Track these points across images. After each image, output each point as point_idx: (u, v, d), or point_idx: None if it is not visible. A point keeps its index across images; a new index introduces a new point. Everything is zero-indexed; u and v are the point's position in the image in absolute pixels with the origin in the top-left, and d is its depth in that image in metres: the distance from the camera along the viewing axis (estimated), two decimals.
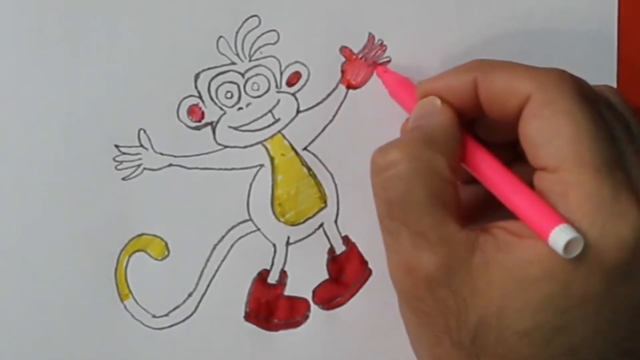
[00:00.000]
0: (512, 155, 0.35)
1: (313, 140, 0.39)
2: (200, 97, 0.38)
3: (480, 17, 0.39)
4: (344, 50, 0.39)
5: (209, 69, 0.38)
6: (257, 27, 0.38)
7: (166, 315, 0.38)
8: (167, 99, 0.37)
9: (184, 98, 0.38)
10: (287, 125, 0.38)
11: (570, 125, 0.31)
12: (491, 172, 0.33)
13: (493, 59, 0.34)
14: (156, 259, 0.38)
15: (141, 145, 0.37)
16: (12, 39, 0.36)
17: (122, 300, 0.37)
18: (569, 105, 0.31)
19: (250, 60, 0.38)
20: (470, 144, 0.34)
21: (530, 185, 0.32)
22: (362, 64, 0.39)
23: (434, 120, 0.33)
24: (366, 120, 0.39)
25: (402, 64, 0.39)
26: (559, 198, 0.30)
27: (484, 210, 0.35)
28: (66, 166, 0.37)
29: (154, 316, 0.38)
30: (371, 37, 0.39)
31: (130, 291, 0.38)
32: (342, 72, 0.39)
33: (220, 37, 0.38)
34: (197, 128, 0.38)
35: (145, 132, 0.37)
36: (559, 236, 0.29)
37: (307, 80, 0.38)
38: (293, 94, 0.38)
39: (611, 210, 0.30)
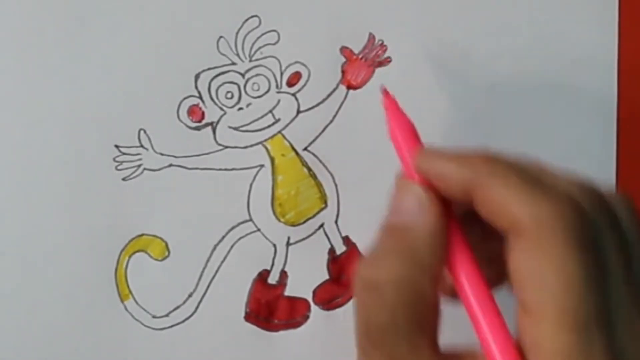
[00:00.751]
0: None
1: (313, 141, 0.39)
2: (200, 97, 0.38)
3: (480, 17, 0.39)
4: (344, 50, 0.39)
5: (209, 69, 0.38)
6: (257, 27, 0.38)
7: (166, 315, 0.38)
8: (168, 99, 0.37)
9: (184, 98, 0.38)
10: (287, 125, 0.38)
11: (558, 274, 0.28)
12: (469, 292, 0.30)
13: (499, 162, 0.30)
14: (156, 260, 0.38)
15: (141, 146, 0.37)
16: (13, 39, 0.36)
17: (122, 301, 0.37)
18: (562, 252, 0.28)
19: (250, 61, 0.38)
20: (455, 250, 0.30)
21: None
22: (362, 64, 0.39)
23: (419, 225, 0.30)
24: (366, 120, 0.39)
25: (402, 64, 0.39)
26: (532, 346, 0.29)
27: None
28: (67, 166, 0.37)
29: (154, 316, 0.38)
30: (371, 37, 0.39)
31: (130, 291, 0.38)
32: (343, 72, 0.39)
33: (221, 37, 0.38)
34: (198, 128, 0.38)
35: (145, 132, 0.37)
36: None
37: (307, 81, 0.38)
38: (293, 94, 0.38)
39: None
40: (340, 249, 0.39)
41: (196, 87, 0.38)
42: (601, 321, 0.28)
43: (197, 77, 0.38)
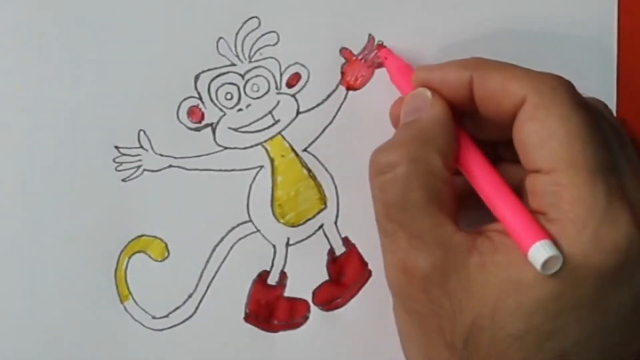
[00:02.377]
0: (497, 154, 0.36)
1: (313, 142, 0.39)
2: (200, 98, 0.38)
3: (479, 18, 0.39)
4: (343, 51, 0.39)
5: (209, 70, 0.38)
6: (257, 28, 0.38)
7: (166, 316, 0.38)
8: (167, 100, 0.38)
9: (184, 99, 0.38)
10: (287, 126, 0.38)
11: (565, 129, 0.31)
12: (481, 176, 0.33)
13: (491, 59, 0.34)
14: (156, 260, 0.38)
15: (141, 147, 0.37)
16: (13, 40, 0.36)
17: (122, 302, 0.37)
18: (564, 109, 0.31)
19: (250, 62, 0.38)
20: (462, 141, 0.34)
21: (519, 187, 0.32)
22: (362, 65, 0.39)
23: (428, 115, 0.34)
24: (366, 121, 0.39)
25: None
26: (553, 200, 0.31)
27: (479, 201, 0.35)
28: (66, 167, 0.37)
29: (153, 317, 0.38)
30: (371, 38, 0.39)
31: (130, 292, 0.38)
32: (342, 73, 0.39)
33: (220, 38, 0.38)
34: (197, 129, 0.38)
35: (145, 133, 0.37)
36: (539, 252, 0.30)
37: (307, 82, 0.38)
38: (293, 95, 0.38)
39: (604, 215, 0.30)
40: (339, 249, 0.39)
41: (196, 88, 0.38)
42: (611, 169, 0.31)
43: (196, 78, 0.38)
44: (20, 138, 0.37)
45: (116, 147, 0.37)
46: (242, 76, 0.38)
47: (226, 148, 0.38)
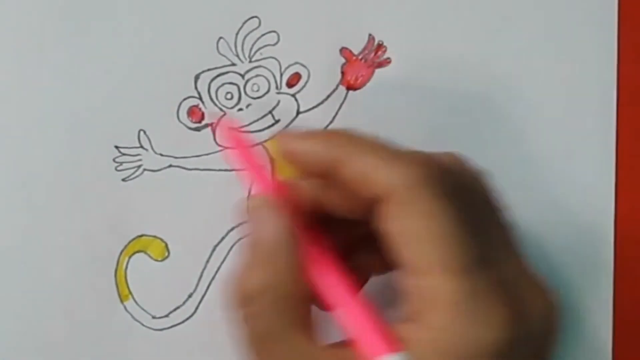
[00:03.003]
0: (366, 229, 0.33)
1: None
2: (200, 98, 0.38)
3: (480, 18, 0.39)
4: (344, 51, 0.39)
5: (209, 70, 0.38)
6: (257, 28, 0.38)
7: (166, 316, 0.38)
8: (167, 100, 0.38)
9: (184, 99, 0.38)
10: (287, 126, 0.38)
11: (430, 230, 0.29)
12: (329, 288, 0.32)
13: (360, 138, 0.31)
14: (156, 260, 0.38)
15: (141, 146, 0.37)
16: (13, 39, 0.36)
17: (122, 301, 0.37)
18: (429, 206, 0.29)
19: (250, 62, 0.38)
20: (312, 250, 0.32)
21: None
22: (362, 65, 0.39)
23: (273, 234, 0.32)
24: (366, 121, 0.39)
25: (402, 65, 0.39)
26: (419, 302, 0.29)
27: None
28: (66, 167, 0.37)
29: (153, 317, 0.38)
30: (371, 38, 0.39)
31: (130, 292, 0.38)
32: (342, 73, 0.39)
33: (220, 38, 0.38)
34: (197, 129, 0.38)
35: (145, 133, 0.37)
36: None
37: (307, 82, 0.38)
38: (293, 95, 0.38)
39: (472, 316, 0.28)
40: None
41: (196, 88, 0.38)
42: (485, 261, 0.29)
43: (197, 77, 0.38)
44: (20, 138, 0.37)
45: (116, 147, 0.37)
46: (242, 76, 0.38)
47: (226, 148, 0.38)
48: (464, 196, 0.30)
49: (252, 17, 0.38)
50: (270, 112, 0.38)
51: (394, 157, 0.30)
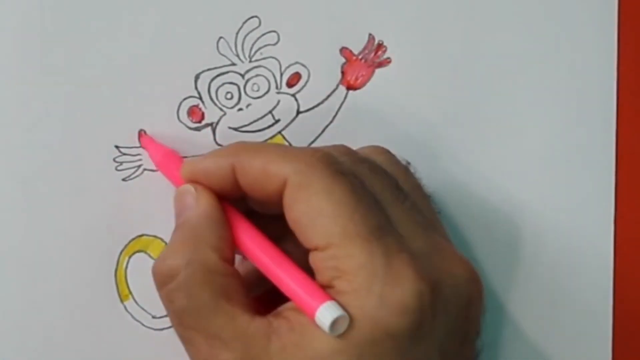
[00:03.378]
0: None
1: (313, 141, 0.39)
2: (200, 98, 0.38)
3: (479, 18, 0.39)
4: (344, 51, 0.39)
5: (209, 69, 0.38)
6: (257, 28, 0.38)
7: (166, 316, 0.38)
8: (168, 100, 0.38)
9: (184, 99, 0.38)
10: (287, 126, 0.38)
11: (329, 202, 0.31)
12: (260, 255, 0.33)
13: (252, 143, 0.35)
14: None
15: (141, 146, 0.37)
16: (12, 39, 0.36)
17: (122, 301, 0.37)
18: (324, 184, 0.31)
19: (250, 61, 0.38)
20: (238, 227, 0.33)
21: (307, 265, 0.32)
22: (362, 64, 0.39)
23: (195, 213, 0.33)
24: (366, 121, 0.39)
25: (402, 64, 0.39)
26: (334, 274, 0.30)
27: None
28: (66, 167, 0.37)
29: (154, 317, 0.38)
30: (371, 37, 0.39)
31: (130, 292, 0.37)
32: (342, 73, 0.39)
33: (221, 38, 0.38)
34: (198, 129, 0.38)
35: (145, 132, 0.37)
36: (324, 315, 0.30)
37: (307, 81, 0.38)
38: (293, 95, 0.38)
39: (385, 277, 0.30)
40: None
41: (196, 88, 0.38)
42: (385, 228, 0.31)
43: (197, 77, 0.38)
44: (20, 137, 0.36)
45: (116, 147, 0.37)
46: (242, 76, 0.38)
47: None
48: (359, 177, 0.32)
49: (252, 17, 0.38)
50: (270, 112, 0.38)
51: (285, 151, 0.33)
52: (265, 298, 0.34)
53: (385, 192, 0.32)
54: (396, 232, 0.31)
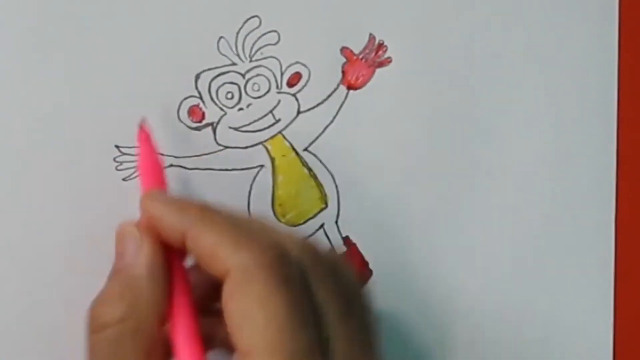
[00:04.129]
0: None
1: (314, 141, 0.39)
2: (200, 97, 0.38)
3: (480, 18, 0.39)
4: (344, 50, 0.39)
5: (209, 69, 0.38)
6: (257, 27, 0.38)
7: None
8: (168, 100, 0.37)
9: (185, 99, 0.38)
10: (287, 125, 0.38)
11: (263, 313, 0.29)
12: (180, 335, 0.32)
13: (215, 212, 0.32)
14: None
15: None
16: (12, 39, 0.36)
17: None
18: (264, 290, 0.30)
19: (250, 61, 0.38)
20: (177, 290, 0.32)
21: None
22: (362, 64, 0.39)
23: (137, 264, 0.32)
24: (367, 120, 0.39)
25: (402, 64, 0.39)
26: None
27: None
28: (67, 167, 0.37)
29: None
30: (372, 37, 0.39)
31: None
32: (343, 72, 0.39)
33: (221, 37, 0.38)
34: (198, 129, 0.38)
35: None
36: None
37: (307, 81, 0.38)
38: (294, 95, 0.38)
39: None
40: (340, 249, 0.39)
41: (196, 88, 0.38)
42: (314, 352, 0.30)
43: (197, 77, 0.38)
44: (20, 138, 0.36)
45: (117, 147, 0.37)
46: (243, 75, 0.38)
47: (227, 147, 0.38)
48: (305, 285, 0.31)
49: (253, 17, 0.38)
50: (270, 111, 0.38)
51: (239, 237, 0.31)
52: None
53: (332, 307, 0.31)
54: (325, 356, 0.30)
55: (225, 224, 0.31)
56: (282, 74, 0.38)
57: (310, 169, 0.39)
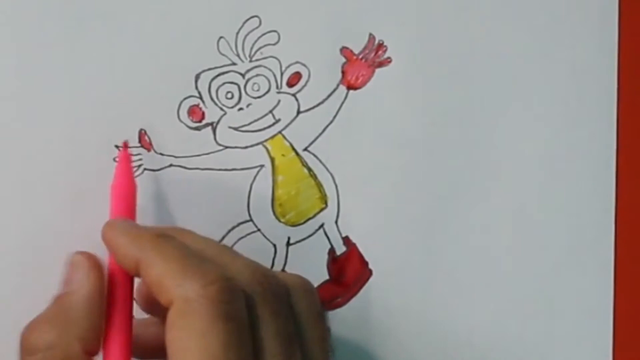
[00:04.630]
0: None
1: (313, 141, 0.39)
2: (200, 97, 0.38)
3: (480, 17, 0.39)
4: (344, 50, 0.39)
5: (209, 69, 0.38)
6: (257, 27, 0.38)
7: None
8: (168, 100, 0.37)
9: (185, 98, 0.38)
10: (287, 125, 0.38)
11: (198, 347, 0.29)
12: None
13: (164, 242, 0.32)
14: None
15: (141, 146, 0.37)
16: (13, 38, 0.36)
17: None
18: (202, 324, 0.30)
19: (250, 61, 0.38)
20: (115, 323, 0.33)
21: None
22: (362, 64, 0.39)
23: (78, 294, 0.33)
24: (367, 120, 0.39)
25: (402, 64, 0.39)
26: None
27: None
28: (67, 167, 0.37)
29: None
30: (371, 37, 0.39)
31: None
32: (343, 72, 0.39)
33: (221, 37, 0.38)
34: (198, 128, 0.38)
35: (145, 132, 0.37)
36: None
37: (307, 81, 0.38)
38: (293, 95, 0.38)
39: None
40: (340, 249, 0.39)
41: (196, 87, 0.38)
42: None
43: (197, 77, 0.38)
44: (20, 138, 0.36)
45: (117, 147, 0.37)
46: (243, 75, 0.38)
47: (227, 147, 0.38)
48: (244, 322, 0.30)
49: (253, 17, 0.38)
50: (270, 111, 0.38)
51: (186, 268, 0.31)
52: None
53: (274, 342, 0.31)
54: None
55: (174, 255, 0.31)
56: (282, 74, 0.38)
57: (310, 169, 0.39)
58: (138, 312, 0.35)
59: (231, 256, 0.33)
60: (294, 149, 0.38)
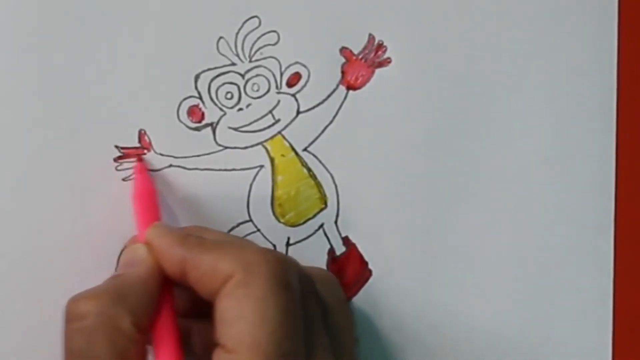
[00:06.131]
0: None
1: (313, 141, 0.39)
2: (200, 97, 0.38)
3: (480, 17, 0.39)
4: (344, 51, 0.39)
5: (209, 69, 0.38)
6: (257, 28, 0.38)
7: None
8: (167, 100, 0.37)
9: (184, 99, 0.38)
10: (287, 126, 0.38)
11: (256, 311, 0.30)
12: (160, 347, 0.33)
13: (208, 237, 0.33)
14: None
15: (141, 146, 0.37)
16: (12, 39, 0.36)
17: None
18: (262, 290, 0.30)
19: (250, 61, 0.38)
20: (163, 309, 0.33)
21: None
22: (362, 64, 0.39)
23: (132, 273, 0.33)
24: (366, 121, 0.39)
25: (402, 64, 0.39)
26: None
27: None
28: (66, 167, 0.37)
29: None
30: (371, 37, 0.39)
31: None
32: (342, 72, 0.39)
33: (221, 37, 0.38)
34: (197, 129, 0.38)
35: (145, 132, 0.37)
36: None
37: (307, 81, 0.38)
38: (293, 95, 0.38)
39: None
40: (340, 249, 0.39)
41: (196, 88, 0.38)
42: (296, 356, 0.30)
43: (197, 77, 0.38)
44: (20, 138, 0.36)
45: (116, 147, 0.37)
46: (243, 76, 0.38)
47: (226, 148, 0.38)
48: (303, 293, 0.32)
49: (252, 17, 0.38)
50: (270, 111, 0.38)
51: (241, 247, 0.32)
52: None
53: (317, 322, 0.32)
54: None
55: (221, 242, 0.33)
56: (281, 74, 0.38)
57: (309, 169, 0.39)
58: None
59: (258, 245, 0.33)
60: (293, 149, 0.38)
